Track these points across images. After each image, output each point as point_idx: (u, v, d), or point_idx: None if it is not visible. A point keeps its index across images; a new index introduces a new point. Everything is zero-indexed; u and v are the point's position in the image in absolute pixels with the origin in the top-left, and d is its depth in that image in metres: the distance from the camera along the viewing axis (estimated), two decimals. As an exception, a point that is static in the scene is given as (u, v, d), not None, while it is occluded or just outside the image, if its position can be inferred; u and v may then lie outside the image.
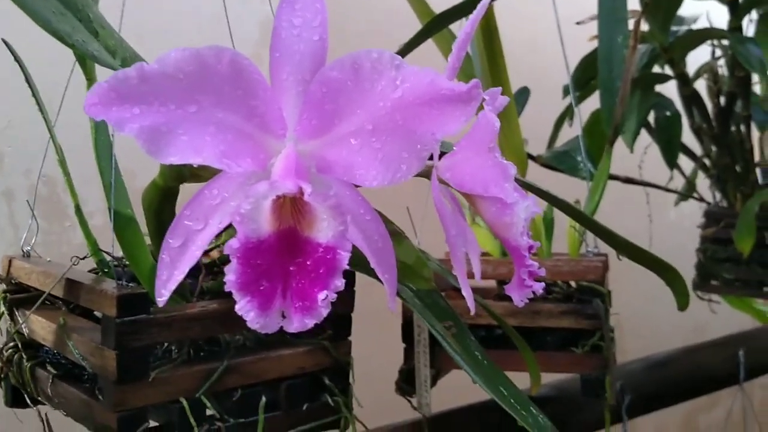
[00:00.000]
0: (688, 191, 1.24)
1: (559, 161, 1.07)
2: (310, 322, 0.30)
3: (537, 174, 1.08)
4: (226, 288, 0.29)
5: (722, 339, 1.06)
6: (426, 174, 0.37)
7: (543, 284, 0.37)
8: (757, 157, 1.14)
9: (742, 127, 1.14)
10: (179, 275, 0.33)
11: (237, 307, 0.29)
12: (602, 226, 0.52)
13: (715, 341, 1.05)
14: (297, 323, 0.30)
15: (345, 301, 0.62)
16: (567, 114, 1.17)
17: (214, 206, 0.32)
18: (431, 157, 0.37)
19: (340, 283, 0.30)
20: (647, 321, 1.79)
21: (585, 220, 0.54)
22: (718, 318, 1.37)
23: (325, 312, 0.30)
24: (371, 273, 0.33)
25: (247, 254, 0.29)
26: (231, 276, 0.29)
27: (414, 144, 0.31)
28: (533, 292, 0.37)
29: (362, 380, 0.67)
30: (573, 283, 0.77)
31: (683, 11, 1.22)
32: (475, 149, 0.35)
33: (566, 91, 1.13)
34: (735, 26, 1.05)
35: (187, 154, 0.30)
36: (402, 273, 0.45)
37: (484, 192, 0.35)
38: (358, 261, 0.32)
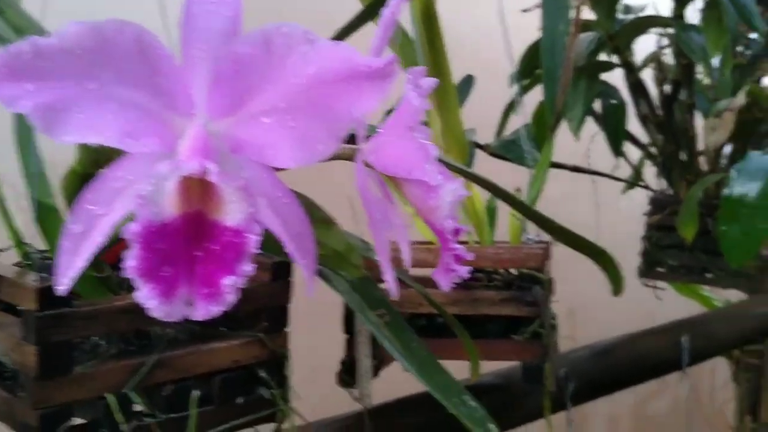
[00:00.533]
0: (635, 179, 1.26)
1: (506, 150, 1.07)
2: (216, 310, 0.28)
3: (487, 163, 1.08)
4: (127, 274, 0.28)
5: (666, 325, 1.07)
6: (351, 157, 0.35)
7: (469, 268, 0.36)
8: (700, 145, 1.15)
9: (687, 115, 1.15)
10: (81, 263, 0.31)
11: (138, 295, 0.28)
12: (537, 212, 0.51)
13: (659, 328, 1.06)
14: (203, 311, 0.28)
15: (281, 293, 0.61)
16: (517, 101, 1.17)
17: (119, 190, 0.30)
18: (355, 141, 0.35)
19: (248, 268, 0.28)
20: (601, 309, 1.81)
21: (521, 206, 0.53)
22: (671, 305, 1.40)
23: (232, 298, 0.28)
24: (285, 257, 0.31)
25: (148, 239, 0.27)
26: (131, 262, 0.27)
27: (330, 122, 0.29)
28: (461, 277, 0.36)
29: (308, 373, 0.66)
30: (515, 271, 0.77)
31: (631, 0, 1.23)
32: (398, 131, 0.34)
33: (513, 80, 1.13)
34: (678, 14, 1.05)
35: (85, 133, 0.29)
36: (331, 260, 0.44)
37: (408, 175, 0.34)
38: (271, 245, 0.31)
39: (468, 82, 0.98)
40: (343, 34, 0.66)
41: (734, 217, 0.76)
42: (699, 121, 1.18)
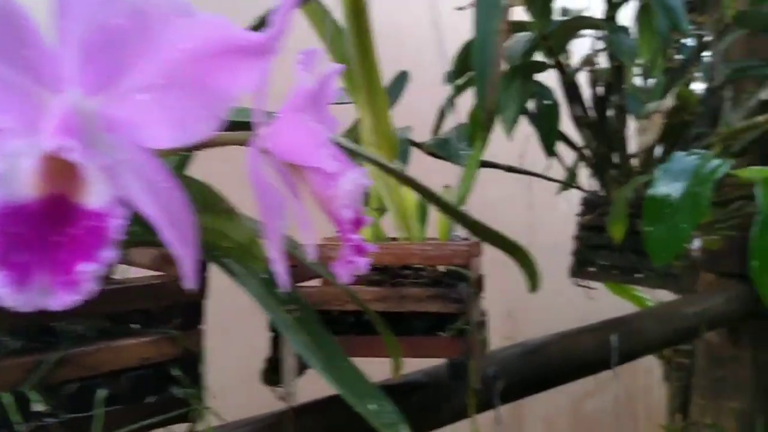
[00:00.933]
0: (570, 180, 1.26)
1: (440, 148, 1.07)
2: (74, 299, 0.26)
3: (430, 162, 1.07)
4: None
5: (597, 324, 1.08)
6: (244, 142, 0.34)
7: (369, 260, 0.35)
8: (632, 146, 1.16)
9: (619, 117, 1.16)
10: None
11: (-11, 283, 0.26)
12: (452, 206, 0.51)
13: (590, 326, 1.07)
14: (59, 300, 0.26)
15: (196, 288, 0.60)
16: (452, 100, 1.17)
17: (-21, 169, 0.28)
18: (248, 126, 0.34)
19: (110, 254, 0.26)
20: (541, 310, 1.83)
21: (437, 201, 0.52)
22: (611, 305, 1.42)
23: (92, 287, 0.26)
24: (158, 245, 0.30)
25: (1, 222, 0.25)
26: (-19, 246, 0.25)
27: (208, 100, 0.28)
28: (361, 269, 0.35)
29: (235, 372, 0.64)
30: (444, 268, 0.77)
31: (570, 3, 1.24)
32: (292, 116, 0.33)
33: (448, 79, 1.13)
34: (610, 16, 1.06)
35: (-65, 107, 0.27)
36: (235, 253, 0.42)
37: (304, 161, 0.33)
38: (143, 232, 0.29)
39: (402, 78, 0.97)
40: (258, 26, 0.64)
41: (658, 217, 0.76)
42: (633, 123, 1.19)
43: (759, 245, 0.71)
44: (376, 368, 0.74)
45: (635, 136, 1.13)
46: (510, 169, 1.15)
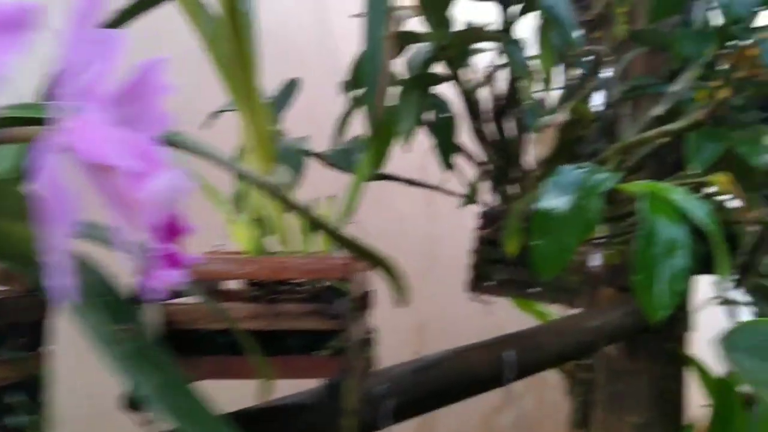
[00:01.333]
0: (471, 194, 1.25)
1: (338, 159, 1.04)
2: None
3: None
4: None
5: (493, 339, 1.06)
6: (31, 138, 0.30)
7: (179, 272, 0.31)
8: (530, 160, 1.16)
9: (518, 131, 1.16)
10: None
11: None
12: (318, 219, 0.48)
13: (486, 342, 1.05)
14: None
15: (37, 307, 0.55)
16: (351, 110, 1.15)
17: None
18: (41, 120, 0.30)
19: None
20: (454, 323, 1.81)
21: (302, 212, 0.49)
22: (524, 318, 1.41)
23: None
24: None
25: None
26: None
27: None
28: (171, 283, 0.31)
29: (92, 397, 0.59)
30: (328, 283, 0.73)
31: (476, 18, 1.23)
32: (94, 108, 0.29)
33: (345, 88, 1.10)
34: (505, 28, 1.06)
35: None
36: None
37: (105, 160, 0.29)
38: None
39: (291, 86, 0.94)
40: (122, 18, 0.60)
41: (545, 230, 0.75)
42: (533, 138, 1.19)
43: (642, 259, 0.71)
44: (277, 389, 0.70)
45: (533, 149, 1.13)
46: (410, 182, 1.12)
